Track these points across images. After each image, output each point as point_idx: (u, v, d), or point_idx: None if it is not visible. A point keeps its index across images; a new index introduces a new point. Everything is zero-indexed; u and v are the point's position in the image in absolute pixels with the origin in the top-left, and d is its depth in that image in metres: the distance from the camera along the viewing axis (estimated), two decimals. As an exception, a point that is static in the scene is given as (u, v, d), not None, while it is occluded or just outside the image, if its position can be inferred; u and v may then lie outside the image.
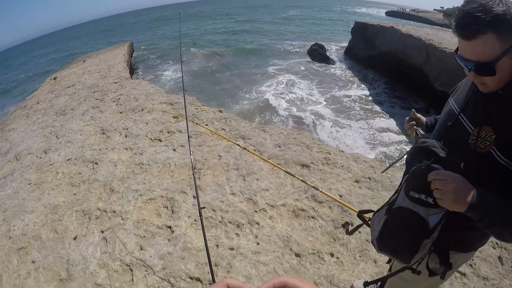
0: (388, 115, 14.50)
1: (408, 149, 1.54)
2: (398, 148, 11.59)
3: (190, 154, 3.07)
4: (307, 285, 0.53)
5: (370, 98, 16.74)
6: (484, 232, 1.19)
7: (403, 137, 11.99)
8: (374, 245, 1.49)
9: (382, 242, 1.42)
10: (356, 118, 14.32)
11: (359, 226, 1.80)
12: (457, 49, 1.18)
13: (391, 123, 13.67)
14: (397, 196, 1.38)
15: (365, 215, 1.75)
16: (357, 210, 1.82)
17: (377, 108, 15.43)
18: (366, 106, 15.63)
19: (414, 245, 1.28)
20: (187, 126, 3.64)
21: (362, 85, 18.82)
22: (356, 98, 16.69)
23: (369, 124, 13.56)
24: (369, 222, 1.61)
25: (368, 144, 12.02)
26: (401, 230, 1.33)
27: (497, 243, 3.02)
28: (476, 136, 1.16)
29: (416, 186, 1.25)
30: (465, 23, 1.04)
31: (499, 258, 2.89)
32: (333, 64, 23.90)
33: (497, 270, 2.79)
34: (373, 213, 1.59)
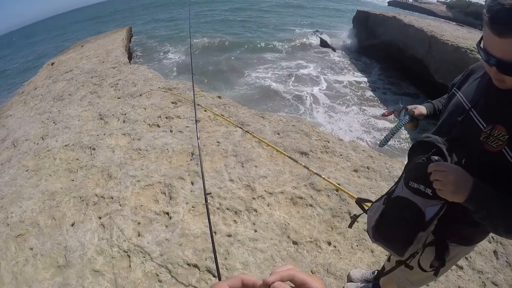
0: (381, 100, 14.74)
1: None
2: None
3: (198, 139, 3.03)
4: (314, 281, 0.51)
5: (366, 84, 16.84)
6: (483, 227, 1.19)
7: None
8: (369, 235, 1.49)
9: (378, 232, 1.42)
10: (351, 103, 14.47)
11: (357, 216, 1.80)
12: (480, 40, 1.12)
13: (384, 108, 13.82)
14: (396, 187, 1.38)
15: (364, 203, 1.75)
16: (356, 197, 1.82)
17: (372, 93, 15.60)
18: (361, 92, 15.78)
19: (409, 236, 1.28)
20: (195, 110, 3.58)
21: (359, 72, 18.83)
22: (353, 83, 16.83)
23: (363, 110, 13.72)
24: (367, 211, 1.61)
25: (363, 127, 12.20)
26: (397, 219, 1.34)
27: (493, 238, 3.03)
28: (488, 134, 1.13)
29: (416, 176, 1.24)
30: (503, 19, 0.96)
31: (495, 252, 2.90)
32: (333, 51, 23.77)
33: (492, 264, 2.80)
34: (371, 203, 1.59)
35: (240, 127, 4.16)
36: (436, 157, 1.18)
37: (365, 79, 17.52)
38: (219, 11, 45.91)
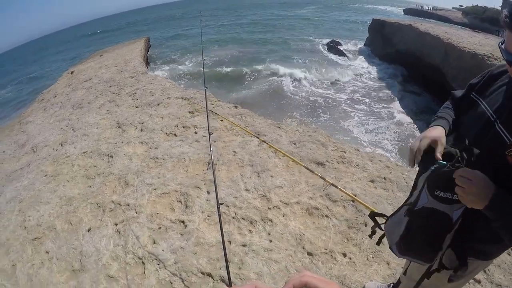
0: (396, 107, 15.12)
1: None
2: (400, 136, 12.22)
3: (210, 151, 3.06)
4: (329, 286, 0.50)
5: (382, 90, 17.28)
6: (505, 243, 1.17)
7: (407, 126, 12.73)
8: (393, 250, 1.45)
9: (404, 246, 1.38)
10: (364, 108, 14.99)
11: (378, 225, 1.76)
12: (503, 41, 1.11)
13: (399, 115, 14.26)
14: (417, 197, 1.34)
15: (376, 217, 1.72)
16: (370, 210, 1.79)
17: (387, 98, 16.15)
18: (376, 97, 16.27)
19: (439, 241, 1.27)
20: (207, 122, 3.61)
21: (376, 79, 19.24)
22: (366, 89, 17.42)
23: (376, 114, 14.26)
24: (382, 226, 1.59)
25: (369, 133, 12.62)
26: (426, 229, 1.31)
27: (512, 250, 2.96)
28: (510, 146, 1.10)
29: (442, 185, 1.22)
30: None
31: (515, 264, 2.83)
32: (349, 59, 24.00)
33: (511, 277, 2.72)
34: (386, 217, 1.56)
35: (256, 137, 4.17)
36: (461, 165, 1.16)
37: (382, 85, 18.00)
38: (235, 25, 46.44)
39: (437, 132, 1.33)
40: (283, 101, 15.78)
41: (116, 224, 3.59)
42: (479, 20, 42.11)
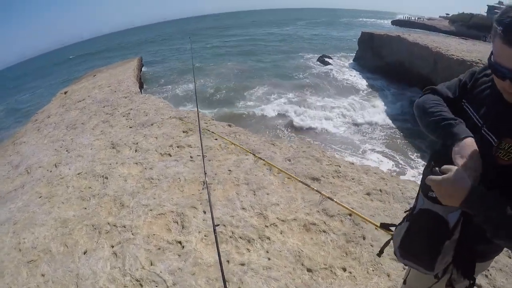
0: (385, 112, 15.87)
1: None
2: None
3: (205, 173, 3.07)
4: None
5: (371, 98, 18.06)
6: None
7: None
8: (396, 254, 1.48)
9: (404, 248, 1.41)
10: (355, 117, 15.76)
11: (387, 243, 1.78)
12: (490, 55, 1.12)
13: (387, 120, 15.04)
14: (416, 201, 1.39)
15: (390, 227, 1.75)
16: (368, 222, 1.82)
17: (377, 104, 16.90)
18: (365, 103, 17.10)
19: (436, 246, 1.27)
20: (201, 145, 3.62)
21: (365, 88, 19.96)
22: (354, 99, 18.15)
23: (367, 120, 15.15)
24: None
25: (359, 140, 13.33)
26: (422, 232, 1.33)
27: (512, 252, 2.97)
28: (497, 147, 1.14)
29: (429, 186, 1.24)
30: None
31: (516, 268, 2.83)
32: (338, 70, 24.55)
33: (513, 280, 2.73)
34: (395, 226, 1.58)
35: (252, 153, 4.18)
36: (431, 168, 1.18)
37: (374, 96, 18.50)
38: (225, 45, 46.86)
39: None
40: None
41: (113, 246, 3.56)
42: (466, 27, 42.88)
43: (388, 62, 20.29)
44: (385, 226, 1.77)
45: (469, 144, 1.17)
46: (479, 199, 1.04)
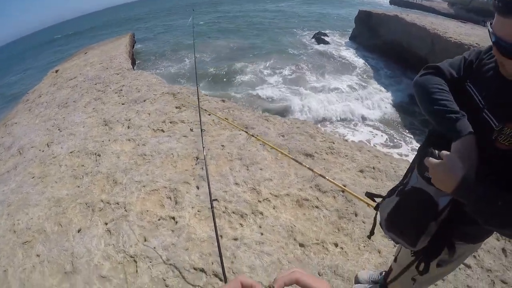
0: (382, 90, 15.94)
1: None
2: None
3: (203, 147, 3.04)
4: (319, 284, 0.50)
5: (365, 76, 18.08)
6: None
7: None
8: (382, 227, 1.51)
9: (391, 221, 1.43)
10: (351, 92, 15.86)
11: (374, 224, 1.80)
12: (491, 22, 1.09)
13: (385, 95, 15.06)
14: (409, 178, 1.39)
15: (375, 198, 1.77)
16: (359, 200, 1.82)
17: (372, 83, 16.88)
18: (361, 83, 17.03)
19: (422, 225, 1.29)
20: (199, 119, 3.58)
21: (361, 66, 19.76)
22: (350, 78, 18.02)
23: (362, 97, 15.14)
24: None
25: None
26: (412, 209, 1.34)
27: (501, 235, 3.00)
28: (499, 132, 1.12)
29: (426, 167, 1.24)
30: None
31: (503, 250, 2.87)
32: (335, 47, 24.32)
33: (500, 262, 2.77)
34: (382, 198, 1.59)
35: (244, 131, 4.16)
36: (430, 149, 1.19)
37: (364, 71, 18.81)
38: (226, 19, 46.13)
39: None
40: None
41: (106, 224, 3.57)
42: (465, 10, 42.14)
43: (386, 41, 20.05)
44: (370, 196, 1.80)
45: (470, 142, 1.17)
46: (470, 190, 1.05)
